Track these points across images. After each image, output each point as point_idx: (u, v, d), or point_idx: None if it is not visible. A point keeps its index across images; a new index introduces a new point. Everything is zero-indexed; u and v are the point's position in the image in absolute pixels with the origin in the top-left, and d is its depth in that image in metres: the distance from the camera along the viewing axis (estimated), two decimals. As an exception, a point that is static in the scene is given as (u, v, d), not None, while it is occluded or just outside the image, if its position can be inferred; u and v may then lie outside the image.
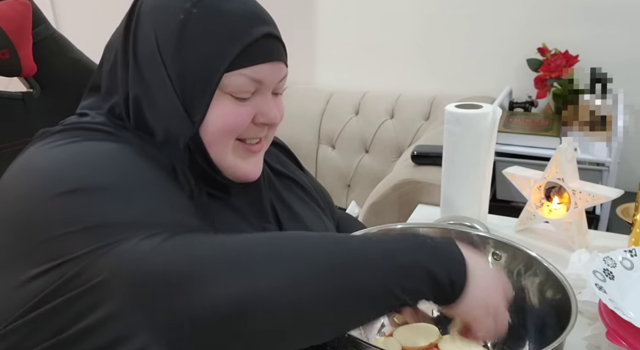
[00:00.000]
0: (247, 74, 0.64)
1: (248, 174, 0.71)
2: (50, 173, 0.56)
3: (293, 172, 0.85)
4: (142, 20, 0.65)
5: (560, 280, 0.66)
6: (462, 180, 1.03)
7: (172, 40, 0.63)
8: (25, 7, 1.18)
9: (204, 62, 0.63)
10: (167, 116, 0.64)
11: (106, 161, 0.57)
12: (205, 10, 0.63)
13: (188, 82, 0.63)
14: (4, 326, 0.52)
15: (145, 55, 0.64)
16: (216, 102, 0.64)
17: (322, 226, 0.81)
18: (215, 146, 0.66)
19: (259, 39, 0.64)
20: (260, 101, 0.67)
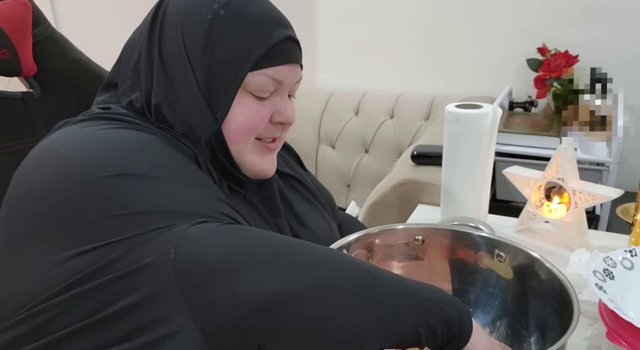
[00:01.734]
0: (269, 74, 0.67)
1: (265, 171, 0.74)
2: (86, 156, 0.56)
3: (298, 172, 0.87)
4: (169, 20, 0.67)
5: (562, 281, 0.66)
6: (462, 180, 1.03)
7: (199, 39, 0.65)
8: (25, 7, 1.18)
9: (230, 61, 0.66)
10: (191, 112, 0.67)
11: (141, 148, 0.59)
12: (232, 12, 0.66)
13: (213, 79, 0.66)
14: (29, 308, 0.52)
15: (171, 53, 0.67)
16: (238, 100, 0.67)
17: (325, 225, 0.82)
18: (237, 143, 0.69)
19: (281, 41, 0.68)
20: (277, 101, 0.71)
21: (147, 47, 0.68)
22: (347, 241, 0.75)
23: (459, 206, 1.05)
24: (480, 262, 0.77)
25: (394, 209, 1.48)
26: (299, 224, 0.78)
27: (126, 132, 0.62)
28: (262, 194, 0.76)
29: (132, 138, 0.61)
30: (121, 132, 0.61)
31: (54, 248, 0.52)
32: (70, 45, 1.29)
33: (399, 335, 0.52)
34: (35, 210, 0.55)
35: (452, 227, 0.82)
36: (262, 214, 0.74)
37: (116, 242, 0.50)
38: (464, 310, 0.56)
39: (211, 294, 0.49)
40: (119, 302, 0.49)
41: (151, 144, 0.61)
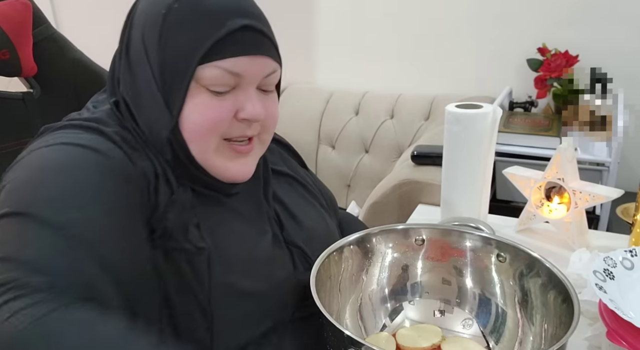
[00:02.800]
0: (222, 66, 0.63)
1: (236, 175, 0.69)
2: (10, 187, 0.58)
3: (295, 171, 0.85)
4: (135, 20, 0.67)
5: (563, 281, 0.66)
6: (462, 180, 1.03)
7: (154, 35, 0.64)
8: (26, 8, 1.18)
9: (181, 54, 0.63)
10: (150, 110, 0.66)
11: (65, 185, 0.57)
12: (185, 4, 0.64)
13: (167, 74, 0.64)
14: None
15: (134, 50, 0.67)
16: (193, 95, 0.64)
17: (324, 225, 0.81)
18: (196, 142, 0.65)
19: (235, 31, 0.63)
20: (241, 96, 0.66)
21: (119, 47, 0.69)
22: (348, 241, 0.75)
23: (459, 206, 1.05)
24: (481, 262, 0.77)
25: (394, 209, 1.48)
26: (295, 223, 0.77)
27: (67, 154, 0.60)
28: (246, 198, 0.73)
29: (64, 168, 0.59)
30: (62, 154, 0.60)
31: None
32: (70, 45, 1.29)
33: None
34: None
35: (452, 227, 0.82)
36: (245, 218, 0.72)
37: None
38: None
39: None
40: None
41: (79, 179, 0.58)
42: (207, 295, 0.64)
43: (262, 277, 0.68)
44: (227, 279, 0.65)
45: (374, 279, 0.78)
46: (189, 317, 0.64)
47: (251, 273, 0.68)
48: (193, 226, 0.65)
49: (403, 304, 0.78)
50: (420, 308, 0.77)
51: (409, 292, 0.79)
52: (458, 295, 0.77)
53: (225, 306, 0.65)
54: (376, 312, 0.76)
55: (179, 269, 0.63)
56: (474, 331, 0.74)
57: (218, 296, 0.64)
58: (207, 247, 0.65)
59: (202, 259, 0.64)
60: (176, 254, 0.63)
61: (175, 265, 0.63)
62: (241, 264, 0.67)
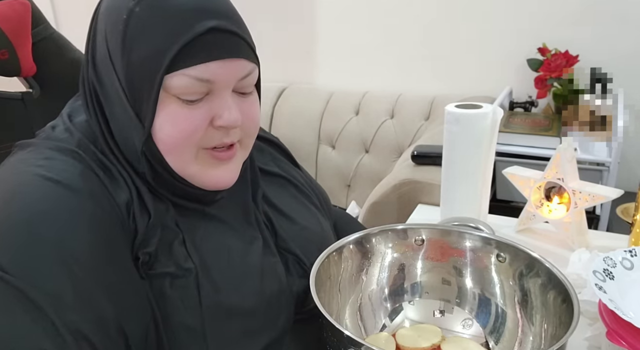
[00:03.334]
0: (190, 74, 0.58)
1: (218, 182, 0.66)
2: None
3: (287, 170, 0.83)
4: (98, 23, 0.64)
5: (563, 281, 0.66)
6: (462, 180, 1.03)
7: (117, 42, 0.60)
8: (25, 8, 1.18)
9: (145, 64, 0.58)
10: (123, 121, 0.62)
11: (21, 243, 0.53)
12: (147, 7, 0.59)
13: (134, 84, 0.60)
14: None
15: (100, 60, 0.63)
16: (163, 106, 0.59)
17: (317, 225, 0.80)
18: (172, 154, 0.62)
19: (202, 34, 0.58)
20: (216, 103, 0.61)
21: (87, 55, 0.65)
22: (347, 241, 0.75)
23: (459, 206, 1.05)
24: (480, 262, 0.77)
25: (394, 209, 1.48)
26: (288, 225, 0.76)
27: (32, 195, 0.56)
28: (232, 205, 0.71)
29: (29, 215, 0.55)
30: (32, 204, 0.56)
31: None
32: (69, 45, 1.29)
33: None
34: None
35: (452, 227, 0.82)
36: (232, 227, 0.69)
37: None
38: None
39: None
40: None
41: (42, 228, 0.54)
42: (199, 319, 0.61)
43: (253, 293, 0.66)
44: (216, 298, 0.63)
45: (373, 279, 0.78)
46: (183, 342, 0.61)
47: (240, 289, 0.65)
48: (179, 244, 0.63)
49: (403, 304, 0.78)
50: (420, 308, 0.77)
51: (408, 292, 0.78)
52: (458, 295, 0.77)
53: (219, 327, 0.62)
54: (376, 312, 0.76)
55: (166, 295, 0.61)
56: (474, 331, 0.74)
57: (210, 317, 0.62)
58: (194, 267, 0.62)
59: (189, 281, 0.62)
60: (162, 280, 0.61)
61: (162, 292, 0.61)
62: (230, 280, 0.65)
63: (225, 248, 0.67)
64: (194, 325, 0.61)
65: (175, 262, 0.62)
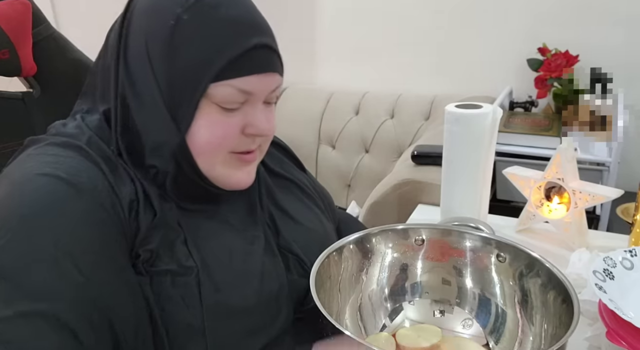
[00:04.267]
0: (234, 85, 0.62)
1: (238, 183, 0.69)
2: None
3: (292, 173, 0.85)
4: (134, 24, 0.64)
5: (563, 281, 0.66)
6: (462, 180, 1.03)
7: (161, 46, 0.61)
8: (26, 7, 1.17)
9: (190, 71, 0.61)
10: (154, 122, 0.63)
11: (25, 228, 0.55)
12: (196, 17, 0.61)
13: (175, 89, 0.62)
14: None
15: (134, 59, 0.64)
16: (202, 112, 0.62)
17: (321, 228, 0.81)
18: (204, 156, 0.65)
19: (249, 50, 0.62)
20: (250, 112, 0.65)
21: (115, 51, 0.65)
22: (347, 241, 0.75)
23: (459, 206, 1.05)
24: (481, 263, 0.77)
25: (394, 209, 1.48)
26: (293, 226, 0.76)
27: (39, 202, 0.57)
28: (237, 206, 0.73)
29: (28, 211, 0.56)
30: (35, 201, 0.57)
31: None
32: (70, 45, 1.29)
33: None
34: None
35: (452, 227, 0.82)
36: (234, 227, 0.70)
37: None
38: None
39: None
40: None
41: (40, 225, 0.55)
42: (200, 317, 0.62)
43: (253, 292, 0.66)
44: (217, 297, 0.63)
45: (373, 279, 0.78)
46: (183, 341, 0.62)
47: (241, 289, 0.66)
48: (180, 243, 0.64)
49: (403, 304, 0.78)
50: (420, 308, 0.77)
51: (408, 292, 0.78)
52: (458, 295, 0.77)
53: (219, 326, 0.63)
54: (376, 312, 0.76)
55: (167, 293, 0.61)
56: (474, 331, 0.74)
57: (211, 316, 0.62)
58: (195, 266, 0.63)
59: (190, 279, 0.62)
60: (163, 278, 0.61)
61: (164, 290, 0.61)
62: (230, 280, 0.65)
63: (226, 248, 0.68)
64: (194, 324, 0.61)
65: (176, 260, 0.63)
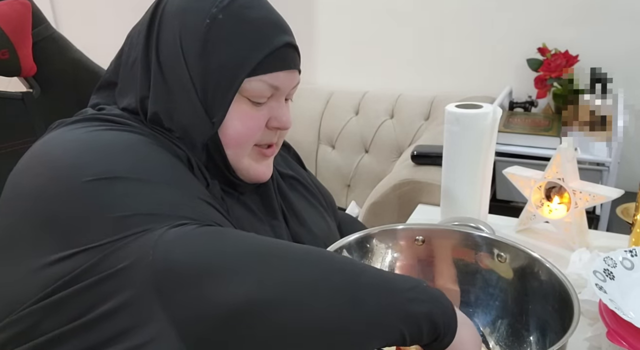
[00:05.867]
0: (266, 80, 0.67)
1: (260, 176, 0.74)
2: (73, 159, 0.56)
3: (298, 172, 0.87)
4: (167, 22, 0.67)
5: (563, 282, 0.66)
6: (462, 180, 1.03)
7: (196, 44, 0.65)
8: (25, 7, 1.17)
9: (227, 67, 0.65)
10: (187, 116, 0.67)
11: (129, 150, 0.59)
12: (231, 16, 0.65)
13: (210, 84, 0.66)
14: (19, 310, 0.52)
15: (168, 56, 0.66)
16: (235, 106, 0.67)
17: (324, 225, 0.82)
18: (234, 148, 0.69)
19: (280, 47, 0.67)
20: (274, 106, 0.70)
21: (144, 48, 0.68)
22: (347, 241, 0.75)
23: (459, 206, 1.05)
24: (481, 263, 0.77)
25: (394, 209, 1.48)
26: (298, 223, 0.78)
27: (114, 133, 0.62)
28: (258, 196, 0.76)
29: (120, 139, 0.61)
30: (110, 133, 0.61)
31: (40, 250, 0.53)
32: (70, 45, 1.29)
33: (383, 337, 0.51)
34: (22, 212, 0.56)
35: (452, 227, 0.82)
36: (257, 215, 0.74)
37: (96, 247, 0.50)
38: (449, 307, 0.55)
39: (185, 299, 0.48)
40: (101, 306, 0.49)
41: (138, 145, 0.61)
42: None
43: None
44: None
45: (373, 279, 0.78)
46: None
47: None
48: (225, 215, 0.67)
49: (403, 304, 0.78)
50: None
51: (408, 292, 0.78)
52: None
53: None
54: (376, 312, 0.76)
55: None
56: (474, 331, 0.74)
57: None
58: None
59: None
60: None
61: None
62: None
63: (254, 230, 0.70)
64: None
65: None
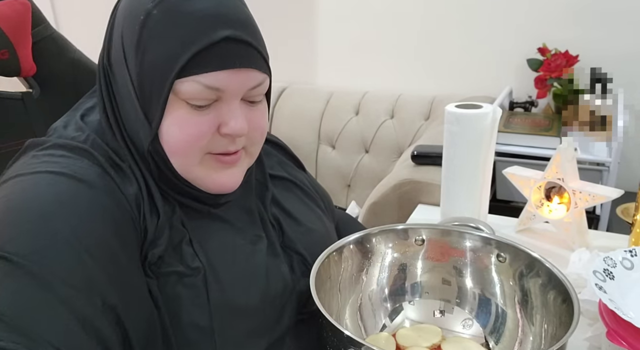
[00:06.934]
0: (200, 81, 0.59)
1: (221, 186, 0.66)
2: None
3: (292, 174, 0.84)
4: (116, 21, 0.65)
5: (563, 282, 0.66)
6: (462, 180, 1.03)
7: (133, 42, 0.61)
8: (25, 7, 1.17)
9: (158, 67, 0.59)
10: (132, 120, 0.63)
11: (44, 223, 0.53)
12: (165, 11, 0.59)
13: (145, 85, 0.61)
14: None
15: (115, 57, 0.64)
16: (172, 109, 0.60)
17: (322, 227, 0.81)
18: (177, 157, 0.63)
19: (216, 43, 0.58)
20: (224, 110, 0.62)
21: (104, 51, 0.66)
22: (347, 241, 0.75)
23: (459, 206, 1.05)
24: (481, 262, 0.77)
25: (394, 209, 1.48)
26: (295, 227, 0.76)
27: (49, 196, 0.56)
28: (238, 207, 0.71)
29: (49, 199, 0.55)
30: (45, 196, 0.56)
31: None
32: (69, 45, 1.29)
33: None
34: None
35: (452, 227, 0.82)
36: (236, 227, 0.70)
37: None
38: None
39: None
40: None
41: (61, 214, 0.55)
42: (208, 317, 0.62)
43: (258, 292, 0.66)
44: (224, 297, 0.63)
45: (373, 279, 0.78)
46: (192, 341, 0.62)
47: (246, 289, 0.66)
48: (186, 244, 0.64)
49: (403, 304, 0.78)
50: (420, 308, 0.77)
51: (408, 292, 0.78)
52: (458, 295, 0.77)
53: (226, 326, 0.63)
54: (376, 312, 0.76)
55: (174, 294, 0.61)
56: (474, 331, 0.74)
57: (218, 316, 0.62)
58: (202, 266, 0.63)
59: (198, 280, 0.62)
60: (171, 279, 0.61)
61: (171, 291, 0.61)
62: (236, 280, 0.65)
63: (230, 247, 0.67)
64: (203, 324, 0.62)
65: (183, 261, 0.63)
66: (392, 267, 0.79)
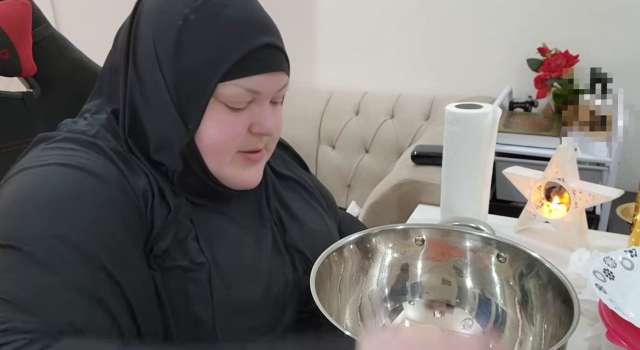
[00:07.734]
0: (242, 84, 0.62)
1: (246, 182, 0.70)
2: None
3: (296, 173, 0.85)
4: (142, 23, 0.65)
5: (563, 282, 0.66)
6: (462, 180, 1.03)
7: (169, 46, 0.62)
8: (25, 7, 1.17)
9: (199, 71, 0.61)
10: (162, 122, 0.64)
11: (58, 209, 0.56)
12: (204, 16, 0.61)
13: (183, 89, 0.62)
14: None
15: (143, 59, 0.64)
16: (211, 111, 0.63)
17: (324, 227, 0.81)
18: (212, 156, 0.65)
19: (256, 49, 0.62)
20: (256, 111, 0.66)
21: (124, 52, 0.65)
22: (347, 241, 0.75)
23: (459, 206, 1.05)
24: (481, 262, 0.77)
25: (394, 209, 1.48)
26: (296, 226, 0.77)
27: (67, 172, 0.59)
28: (245, 203, 0.73)
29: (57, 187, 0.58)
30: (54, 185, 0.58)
31: None
32: (70, 45, 1.29)
33: None
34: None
35: (452, 227, 0.82)
36: (240, 224, 0.71)
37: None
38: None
39: None
40: None
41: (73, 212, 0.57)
42: (210, 313, 0.63)
43: (261, 289, 0.67)
44: (227, 293, 0.64)
45: (373, 279, 0.78)
46: (194, 336, 0.63)
47: (250, 286, 0.67)
48: (192, 239, 0.65)
49: (403, 304, 0.78)
50: (420, 308, 0.77)
51: (408, 292, 0.78)
52: (458, 295, 0.77)
53: (228, 322, 0.64)
54: (376, 312, 0.76)
55: (178, 288, 0.62)
56: (474, 331, 0.74)
57: (221, 312, 0.63)
58: (207, 261, 0.64)
59: (202, 275, 0.63)
60: (175, 273, 0.62)
61: (175, 285, 0.62)
62: (240, 276, 0.66)
63: (236, 244, 0.69)
64: (205, 319, 0.63)
65: (188, 256, 0.64)
66: (392, 267, 0.79)
